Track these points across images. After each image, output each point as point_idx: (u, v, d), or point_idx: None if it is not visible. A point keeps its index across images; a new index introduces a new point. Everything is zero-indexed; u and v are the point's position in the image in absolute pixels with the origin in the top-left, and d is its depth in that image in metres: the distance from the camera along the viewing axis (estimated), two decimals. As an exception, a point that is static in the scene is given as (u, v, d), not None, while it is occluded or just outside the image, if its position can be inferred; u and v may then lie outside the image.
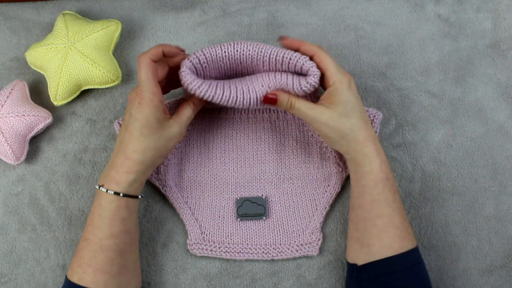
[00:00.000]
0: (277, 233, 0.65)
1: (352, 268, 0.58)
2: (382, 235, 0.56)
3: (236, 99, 0.57)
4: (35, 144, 0.68)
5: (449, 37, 0.72)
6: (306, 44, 0.58)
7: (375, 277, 0.56)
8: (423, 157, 0.68)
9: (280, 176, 0.67)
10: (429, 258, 0.65)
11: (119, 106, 0.69)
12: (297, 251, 0.64)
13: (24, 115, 0.64)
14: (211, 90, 0.56)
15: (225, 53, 0.57)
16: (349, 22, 0.73)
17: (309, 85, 0.57)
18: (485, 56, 0.72)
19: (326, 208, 0.65)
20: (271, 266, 0.65)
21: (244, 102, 0.57)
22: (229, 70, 0.60)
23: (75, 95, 0.68)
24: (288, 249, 0.64)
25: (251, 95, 0.57)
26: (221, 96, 0.57)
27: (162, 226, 0.66)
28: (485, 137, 0.69)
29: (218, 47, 0.57)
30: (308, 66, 0.56)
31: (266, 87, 0.58)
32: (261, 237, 0.65)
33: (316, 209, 0.66)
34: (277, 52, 0.57)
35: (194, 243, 0.64)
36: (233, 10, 0.73)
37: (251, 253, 0.64)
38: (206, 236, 0.65)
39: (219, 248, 0.64)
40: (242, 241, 0.65)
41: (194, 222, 0.65)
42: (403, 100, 0.70)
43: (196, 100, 0.60)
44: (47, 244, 0.65)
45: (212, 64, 0.58)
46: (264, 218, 0.65)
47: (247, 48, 0.57)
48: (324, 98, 0.58)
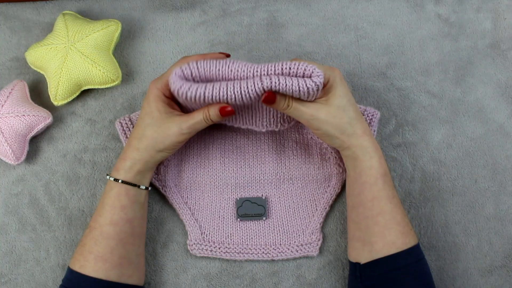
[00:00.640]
0: (277, 233, 0.65)
1: (355, 267, 0.58)
2: (385, 232, 0.56)
3: (227, 90, 0.54)
4: (35, 144, 0.68)
5: (449, 37, 0.72)
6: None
7: (379, 275, 0.56)
8: (423, 157, 0.68)
9: (280, 176, 0.67)
10: (429, 258, 0.65)
11: (119, 106, 0.69)
12: (297, 251, 0.64)
13: (24, 115, 0.64)
14: (201, 88, 0.54)
15: (218, 70, 0.55)
16: (349, 22, 0.73)
17: (314, 84, 0.54)
18: (485, 56, 0.72)
19: (326, 208, 0.65)
20: (271, 266, 0.65)
21: (236, 94, 0.54)
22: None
23: (75, 95, 0.68)
24: (288, 249, 0.64)
25: (244, 87, 0.54)
26: (211, 91, 0.53)
27: (162, 226, 0.66)
28: (485, 137, 0.69)
29: (213, 63, 0.55)
30: (311, 69, 0.54)
31: (262, 82, 0.54)
32: (261, 237, 0.65)
33: (316, 209, 0.66)
34: (275, 67, 0.54)
35: (194, 243, 0.64)
36: (233, 10, 0.73)
37: (251, 253, 0.64)
38: (206, 236, 0.65)
39: (219, 248, 0.65)
40: (242, 241, 0.65)
41: (194, 222, 0.65)
42: (403, 100, 0.70)
43: (212, 110, 0.56)
44: (47, 244, 0.65)
45: (203, 77, 0.56)
46: (264, 218, 0.65)
47: (241, 69, 0.55)
48: (318, 97, 0.57)
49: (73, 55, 0.65)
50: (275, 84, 0.53)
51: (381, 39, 0.72)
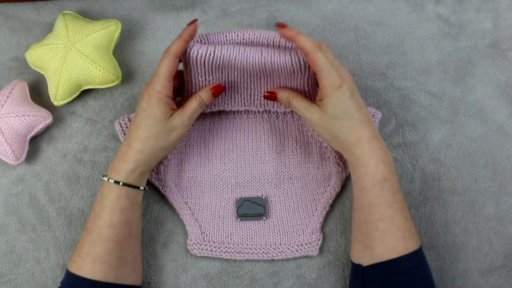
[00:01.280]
0: (277, 233, 0.65)
1: (357, 268, 0.58)
2: (385, 238, 0.56)
3: (232, 53, 0.57)
4: (35, 144, 0.68)
5: (449, 37, 0.72)
6: (300, 39, 0.56)
7: (380, 278, 0.56)
8: (423, 157, 0.68)
9: (280, 176, 0.67)
10: (429, 258, 0.65)
11: (119, 106, 0.69)
12: (297, 251, 0.64)
13: (24, 115, 0.64)
14: (210, 48, 0.57)
15: (226, 37, 0.59)
16: (349, 22, 0.73)
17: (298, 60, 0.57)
18: (485, 56, 0.72)
19: (326, 208, 0.65)
20: (271, 266, 0.65)
21: (241, 57, 0.58)
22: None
23: (75, 95, 0.68)
24: (288, 249, 0.64)
25: (250, 55, 0.57)
26: (220, 53, 0.57)
27: (162, 226, 0.66)
28: (485, 137, 0.69)
29: (221, 33, 0.59)
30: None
31: (266, 54, 0.57)
32: (261, 237, 0.65)
33: (316, 209, 0.66)
34: (274, 36, 0.58)
35: (194, 243, 0.64)
36: (233, 10, 0.73)
37: (251, 253, 0.64)
38: (206, 236, 0.65)
39: (219, 248, 0.64)
40: (242, 241, 0.65)
41: (194, 222, 0.65)
42: (403, 100, 0.70)
43: (203, 94, 0.60)
44: (47, 244, 0.65)
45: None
46: (264, 218, 0.65)
47: (247, 33, 0.59)
48: (318, 97, 0.58)
49: (73, 55, 0.65)
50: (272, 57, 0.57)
51: (381, 39, 0.72)
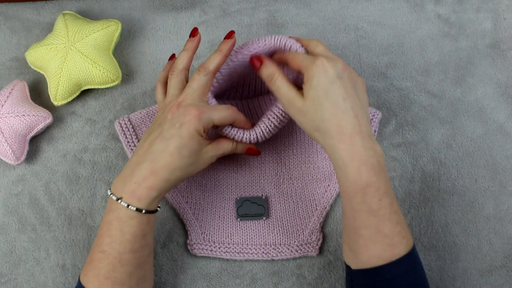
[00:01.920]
0: (277, 233, 0.65)
1: (348, 269, 0.57)
2: (369, 245, 0.52)
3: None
4: (35, 144, 0.68)
5: (449, 37, 0.72)
6: (293, 59, 0.54)
7: (367, 284, 0.53)
8: (423, 157, 0.68)
9: (280, 176, 0.67)
10: (429, 258, 0.65)
11: (119, 106, 0.69)
12: (297, 251, 0.64)
13: (24, 115, 0.64)
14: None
15: (249, 49, 0.57)
16: (349, 22, 0.73)
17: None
18: (485, 56, 0.72)
19: (326, 208, 0.65)
20: (271, 266, 0.65)
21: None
22: (237, 73, 0.61)
23: (75, 95, 0.68)
24: (288, 249, 0.64)
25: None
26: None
27: (162, 226, 0.66)
28: (485, 137, 0.69)
29: (246, 47, 0.58)
30: (290, 44, 0.57)
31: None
32: (261, 237, 0.65)
33: (316, 209, 0.66)
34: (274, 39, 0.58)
35: (194, 243, 0.64)
36: (233, 10, 0.73)
37: (251, 253, 0.64)
38: (206, 236, 0.65)
39: (219, 248, 0.65)
40: (242, 241, 0.65)
41: (194, 222, 0.65)
42: (403, 100, 0.70)
43: (240, 147, 0.59)
44: (47, 244, 0.65)
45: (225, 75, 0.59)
46: (264, 218, 0.65)
47: (256, 43, 0.57)
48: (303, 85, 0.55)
49: (73, 55, 0.65)
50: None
51: (381, 39, 0.72)
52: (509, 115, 0.70)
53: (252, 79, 0.64)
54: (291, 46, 0.57)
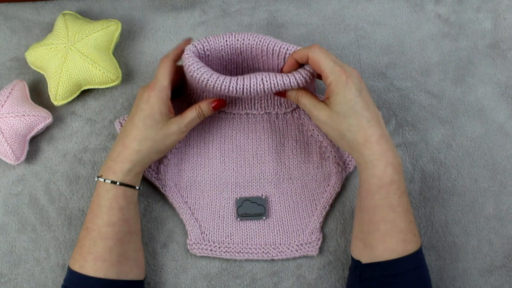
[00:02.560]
0: (277, 233, 0.65)
1: (356, 264, 0.58)
2: (385, 239, 0.56)
3: (230, 84, 0.57)
4: (35, 144, 0.68)
5: (449, 37, 0.72)
6: (296, 52, 0.58)
7: (377, 277, 0.56)
8: (423, 157, 0.68)
9: (279, 176, 0.67)
10: (429, 258, 0.65)
11: (119, 106, 0.69)
12: (297, 251, 0.64)
13: (24, 115, 0.64)
14: (208, 73, 0.57)
15: (226, 41, 0.59)
16: (349, 22, 0.73)
17: (304, 79, 0.58)
18: (485, 56, 0.72)
19: (326, 208, 0.65)
20: (271, 266, 0.65)
21: (238, 89, 0.58)
22: (229, 62, 0.62)
23: (75, 95, 0.68)
24: (288, 249, 0.64)
25: (246, 83, 0.58)
26: (215, 80, 0.57)
27: (162, 226, 0.66)
28: (485, 137, 0.69)
29: (221, 36, 0.59)
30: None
31: (262, 79, 0.58)
32: (261, 237, 0.65)
33: (316, 209, 0.66)
34: (275, 43, 0.59)
35: (194, 243, 0.64)
36: (233, 10, 0.73)
37: (251, 253, 0.64)
38: (206, 236, 0.65)
39: (219, 248, 0.65)
40: (242, 241, 0.65)
41: (194, 222, 0.65)
42: (403, 100, 0.70)
43: (203, 106, 0.62)
44: (47, 244, 0.65)
45: (214, 53, 0.60)
46: (264, 218, 0.65)
47: (247, 38, 0.59)
48: (326, 95, 0.58)
49: (73, 55, 0.65)
50: (274, 85, 0.58)
51: (381, 39, 0.72)
52: (509, 115, 0.70)
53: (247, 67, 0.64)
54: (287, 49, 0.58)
